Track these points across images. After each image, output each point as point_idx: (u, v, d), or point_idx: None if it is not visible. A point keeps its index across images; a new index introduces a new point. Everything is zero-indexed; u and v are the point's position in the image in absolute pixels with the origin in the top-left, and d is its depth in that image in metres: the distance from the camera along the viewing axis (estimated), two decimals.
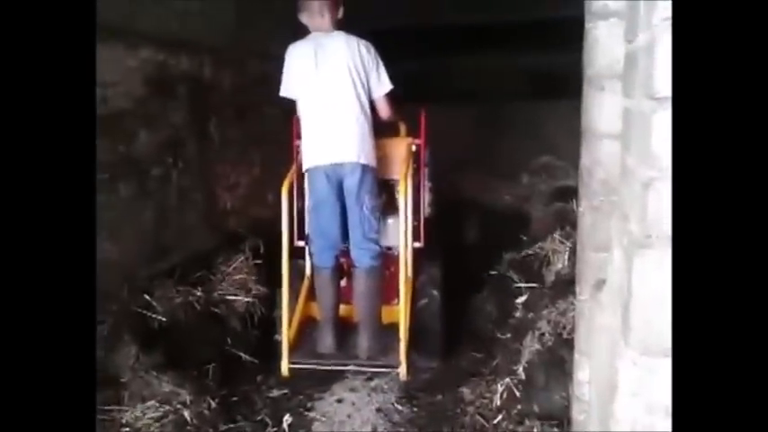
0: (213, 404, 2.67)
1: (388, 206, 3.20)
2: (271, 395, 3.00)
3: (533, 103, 6.16)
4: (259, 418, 2.79)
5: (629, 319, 1.04)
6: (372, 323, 2.96)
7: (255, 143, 4.36)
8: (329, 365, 2.98)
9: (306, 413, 2.85)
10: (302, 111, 2.92)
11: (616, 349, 1.12)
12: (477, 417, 2.72)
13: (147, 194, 3.15)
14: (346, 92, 2.82)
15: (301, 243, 3.19)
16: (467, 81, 6.80)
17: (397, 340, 2.88)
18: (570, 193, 4.28)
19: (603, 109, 1.90)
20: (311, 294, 3.13)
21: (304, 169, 2.98)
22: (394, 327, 2.94)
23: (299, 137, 3.03)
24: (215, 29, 3.80)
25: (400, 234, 2.98)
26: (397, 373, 2.89)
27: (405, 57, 4.14)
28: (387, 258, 3.15)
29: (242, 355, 3.16)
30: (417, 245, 3.26)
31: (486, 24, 5.92)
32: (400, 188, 3.01)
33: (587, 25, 1.90)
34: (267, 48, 4.56)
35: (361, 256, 2.96)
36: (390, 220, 3.18)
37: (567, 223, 3.75)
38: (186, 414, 2.53)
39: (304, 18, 2.89)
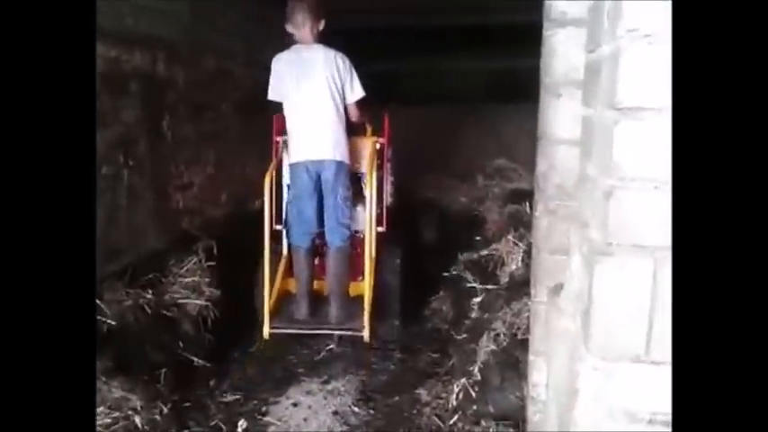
0: (165, 410, 2.59)
1: (356, 196, 3.65)
2: (224, 400, 2.94)
3: (492, 106, 6.26)
4: (213, 423, 2.72)
5: (590, 325, 1.06)
6: (341, 295, 3.48)
7: (209, 141, 4.28)
8: (304, 330, 3.46)
9: (261, 418, 2.81)
10: (287, 114, 3.39)
11: (575, 354, 1.14)
12: (434, 417, 2.74)
13: (96, 194, 3.05)
14: (324, 99, 3.29)
15: (279, 227, 3.60)
16: (427, 83, 6.87)
17: (362, 309, 3.38)
18: (524, 196, 4.37)
19: (560, 115, 1.93)
20: (288, 271, 3.63)
21: (288, 164, 3.50)
22: (359, 298, 3.47)
23: (278, 133, 3.54)
24: (170, 25, 3.70)
25: (366, 220, 3.50)
26: (362, 336, 3.35)
27: (369, 57, 4.18)
28: (354, 240, 3.65)
29: (194, 359, 3.09)
30: (380, 229, 3.75)
31: (447, 27, 5.97)
32: (367, 181, 3.51)
33: (545, 32, 1.93)
34: (223, 45, 4.49)
35: (334, 238, 3.46)
36: (358, 208, 3.67)
37: (521, 225, 3.82)
38: (137, 420, 2.44)
39: (290, 28, 3.29)
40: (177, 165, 3.87)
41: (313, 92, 3.28)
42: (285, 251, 3.66)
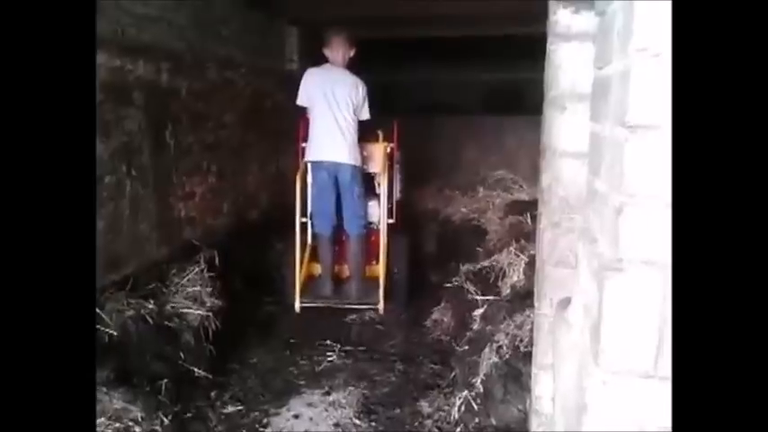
0: (166, 421, 2.59)
1: (369, 192, 4.29)
2: (225, 411, 2.94)
3: (491, 118, 6.30)
4: None
5: (600, 340, 1.06)
6: (359, 276, 4.17)
7: (211, 151, 4.28)
8: (328, 304, 4.09)
9: (262, 430, 2.80)
10: (311, 119, 4.06)
11: (584, 369, 1.14)
12: (436, 430, 2.73)
13: (99, 203, 3.04)
14: (344, 114, 3.98)
15: (304, 219, 4.19)
16: (428, 94, 6.90)
17: (377, 287, 4.04)
18: (525, 207, 4.38)
19: (564, 129, 1.94)
20: (313, 257, 4.27)
21: (309, 163, 4.11)
22: (375, 279, 4.12)
23: (304, 140, 4.15)
24: (173, 35, 3.72)
25: (380, 213, 4.21)
26: (377, 309, 4.07)
27: (369, 68, 4.23)
28: (369, 230, 4.26)
29: (195, 370, 3.08)
30: (390, 221, 4.35)
31: (448, 38, 6.00)
32: (380, 180, 4.24)
33: (550, 47, 1.94)
34: (225, 55, 4.51)
35: (352, 228, 4.14)
36: (371, 203, 4.29)
37: (522, 236, 3.82)
38: (138, 431, 2.45)
39: (326, 51, 4.07)
40: (179, 174, 3.87)
41: (336, 106, 3.95)
42: (310, 240, 4.26)
